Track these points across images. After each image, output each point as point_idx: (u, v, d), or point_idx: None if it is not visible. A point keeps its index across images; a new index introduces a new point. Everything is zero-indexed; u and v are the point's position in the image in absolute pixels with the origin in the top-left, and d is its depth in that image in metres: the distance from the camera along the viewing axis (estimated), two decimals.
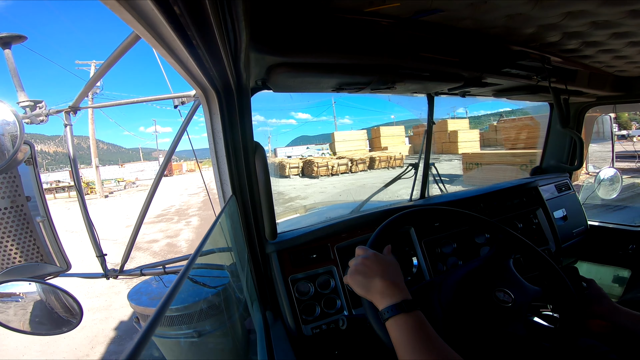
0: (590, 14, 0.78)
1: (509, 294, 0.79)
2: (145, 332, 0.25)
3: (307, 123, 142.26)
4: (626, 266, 1.64)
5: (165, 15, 0.39)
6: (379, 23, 0.81)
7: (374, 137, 23.35)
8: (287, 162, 17.63)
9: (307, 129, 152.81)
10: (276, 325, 1.03)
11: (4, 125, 0.75)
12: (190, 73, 0.63)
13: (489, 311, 0.77)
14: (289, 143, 49.92)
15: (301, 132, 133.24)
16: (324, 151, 27.68)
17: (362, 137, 23.27)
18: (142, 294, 1.49)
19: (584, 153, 1.81)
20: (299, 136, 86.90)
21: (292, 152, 34.35)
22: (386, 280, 0.68)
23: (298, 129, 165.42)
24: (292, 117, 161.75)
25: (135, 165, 46.68)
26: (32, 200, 0.97)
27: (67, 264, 1.07)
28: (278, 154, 33.55)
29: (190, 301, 1.25)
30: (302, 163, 17.41)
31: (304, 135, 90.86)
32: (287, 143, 49.96)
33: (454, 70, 1.04)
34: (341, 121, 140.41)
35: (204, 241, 0.55)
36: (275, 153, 34.22)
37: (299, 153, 31.84)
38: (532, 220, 1.49)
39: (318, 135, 77.85)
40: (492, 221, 0.99)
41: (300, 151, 34.16)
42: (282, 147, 38.96)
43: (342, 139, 22.71)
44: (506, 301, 0.78)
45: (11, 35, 0.91)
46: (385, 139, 22.36)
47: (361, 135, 23.37)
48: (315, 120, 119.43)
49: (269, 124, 23.22)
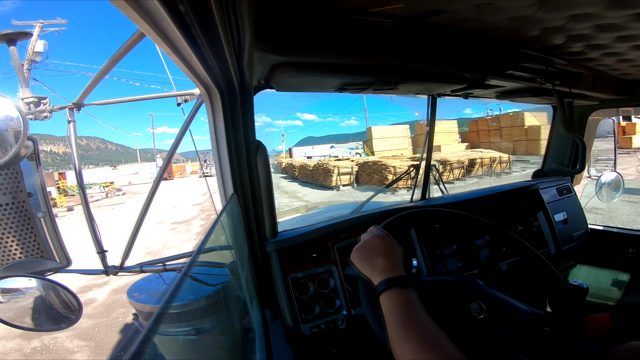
0: (595, 17, 0.78)
1: (481, 306, 0.75)
2: (148, 332, 0.25)
3: (313, 124, 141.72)
4: (625, 270, 1.64)
5: (171, 14, 0.40)
6: (382, 24, 0.80)
7: (419, 134, 19.46)
8: (334, 165, 12.14)
9: (313, 130, 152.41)
10: (275, 324, 1.03)
11: (7, 121, 0.75)
12: (193, 71, 0.64)
13: (462, 322, 0.75)
14: (295, 144, 48.41)
15: (307, 133, 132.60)
16: (358, 150, 23.94)
17: (404, 133, 19.88)
18: (142, 291, 1.49)
19: (587, 156, 1.81)
20: (305, 137, 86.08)
21: (312, 153, 31.11)
22: (390, 260, 0.71)
23: (304, 130, 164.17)
24: (298, 117, 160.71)
25: (130, 167, 39.43)
26: (34, 197, 0.97)
27: (67, 260, 1.07)
28: (294, 154, 30.78)
29: (190, 299, 1.25)
30: (357, 167, 11.97)
31: (310, 136, 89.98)
32: (294, 144, 48.82)
33: (457, 72, 1.04)
34: (347, 122, 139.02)
35: (205, 239, 0.55)
36: (290, 153, 31.44)
37: (321, 153, 28.21)
38: (532, 222, 1.49)
39: (324, 137, 77.38)
40: (491, 223, 0.99)
41: (321, 151, 30.59)
42: (293, 147, 35.85)
43: (380, 135, 19.21)
44: (478, 313, 0.75)
45: (16, 32, 0.91)
46: (437, 135, 17.03)
47: (402, 130, 19.91)
48: (321, 122, 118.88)
49: (275, 124, 22.55)
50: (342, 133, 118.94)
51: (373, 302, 0.73)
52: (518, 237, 0.97)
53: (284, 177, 18.80)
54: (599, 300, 1.69)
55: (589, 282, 1.37)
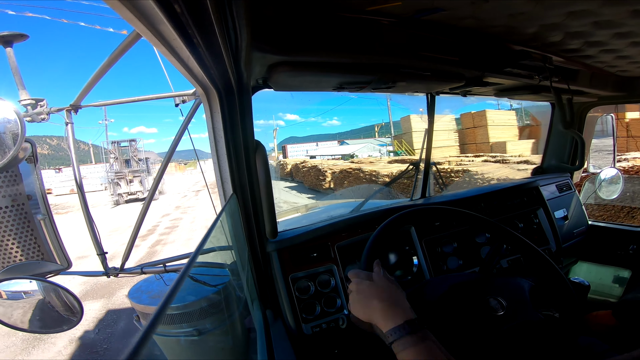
0: (592, 14, 0.78)
1: (500, 302, 0.77)
2: (146, 331, 0.25)
3: (296, 124, 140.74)
4: (626, 266, 1.64)
5: (166, 14, 0.39)
6: (380, 22, 0.80)
7: (467, 128, 15.46)
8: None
9: (295, 130, 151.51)
10: (276, 324, 1.03)
11: (5, 124, 0.75)
12: (191, 72, 0.64)
13: (484, 321, 0.75)
14: (279, 142, 46.12)
15: (290, 133, 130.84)
16: (388, 148, 19.29)
17: (449, 126, 15.66)
18: (143, 292, 1.50)
19: (585, 153, 1.81)
20: (288, 137, 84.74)
21: (316, 151, 25.84)
22: (384, 302, 0.65)
23: (285, 129, 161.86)
24: (280, 117, 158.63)
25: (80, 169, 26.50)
26: (33, 199, 0.97)
27: (67, 262, 1.07)
28: (288, 152, 26.34)
29: (190, 299, 1.25)
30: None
31: (293, 136, 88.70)
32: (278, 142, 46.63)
33: (455, 70, 1.04)
34: (330, 122, 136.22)
35: (204, 240, 0.55)
36: (284, 152, 26.87)
37: (329, 152, 22.76)
38: (532, 220, 1.49)
39: (307, 137, 75.79)
40: (492, 221, 0.99)
41: (328, 149, 24.27)
42: (289, 145, 30.78)
43: (420, 127, 14.97)
44: (497, 309, 0.76)
45: (12, 34, 0.91)
46: (494, 129, 14.11)
47: (447, 122, 15.50)
48: (303, 121, 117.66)
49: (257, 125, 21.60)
50: (325, 133, 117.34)
51: None
52: (519, 235, 0.97)
53: (293, 186, 13.86)
54: (600, 297, 1.69)
55: (590, 279, 1.37)
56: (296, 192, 12.60)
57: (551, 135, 1.86)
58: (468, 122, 15.58)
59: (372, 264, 0.77)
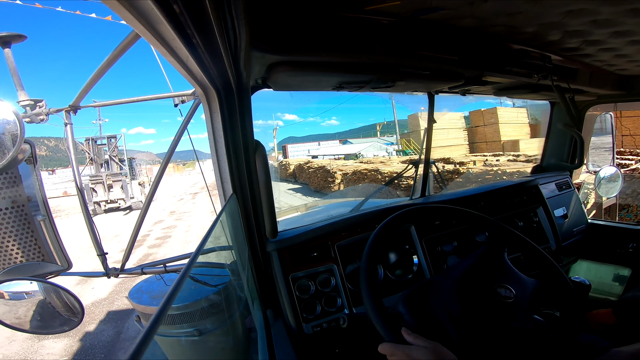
0: (590, 13, 0.78)
1: (510, 289, 0.80)
2: (147, 332, 0.25)
3: (294, 124, 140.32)
4: (626, 265, 1.64)
5: (165, 14, 0.39)
6: (379, 21, 0.80)
7: (477, 126, 15.01)
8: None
9: (294, 130, 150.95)
10: (277, 324, 1.03)
11: (4, 125, 0.75)
12: (190, 72, 0.64)
13: (493, 308, 0.77)
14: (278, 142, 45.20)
15: (289, 133, 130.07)
16: (395, 147, 18.51)
17: (458, 123, 15.25)
18: (143, 293, 1.50)
19: (585, 151, 1.81)
20: (287, 137, 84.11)
21: (318, 151, 25.29)
22: None
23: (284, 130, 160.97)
24: (278, 118, 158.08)
25: (67, 171, 27.31)
26: (33, 200, 0.97)
27: (68, 263, 1.07)
28: (289, 152, 25.59)
29: (191, 300, 1.25)
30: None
31: (292, 136, 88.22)
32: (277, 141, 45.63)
33: (455, 69, 1.04)
34: (328, 122, 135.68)
35: (204, 240, 0.55)
36: (284, 152, 25.91)
37: (331, 152, 22.04)
38: (532, 218, 1.49)
39: (306, 137, 75.31)
40: (492, 219, 1.00)
41: (331, 149, 23.79)
42: (290, 144, 29.45)
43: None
44: (508, 297, 0.79)
45: (11, 35, 0.91)
46: (506, 127, 13.60)
47: (457, 120, 15.10)
48: (302, 121, 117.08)
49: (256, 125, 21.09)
50: (324, 132, 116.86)
51: (375, 300, 0.73)
52: (519, 233, 0.97)
53: (297, 188, 12.78)
54: (600, 295, 1.69)
55: (590, 278, 1.37)
56: (301, 194, 11.58)
57: (550, 133, 1.86)
58: (478, 120, 15.24)
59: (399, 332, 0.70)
